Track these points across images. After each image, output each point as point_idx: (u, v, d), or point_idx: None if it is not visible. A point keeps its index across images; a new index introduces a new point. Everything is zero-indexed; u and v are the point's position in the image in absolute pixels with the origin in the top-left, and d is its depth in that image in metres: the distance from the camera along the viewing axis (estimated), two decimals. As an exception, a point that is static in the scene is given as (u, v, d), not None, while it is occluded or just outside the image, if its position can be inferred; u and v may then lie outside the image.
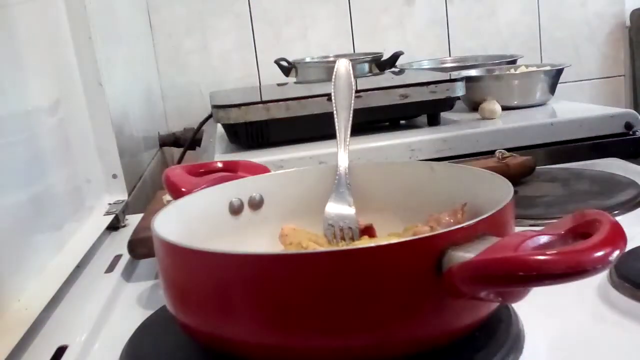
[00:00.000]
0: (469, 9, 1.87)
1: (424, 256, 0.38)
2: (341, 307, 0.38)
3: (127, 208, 0.90)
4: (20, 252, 0.61)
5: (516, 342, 0.43)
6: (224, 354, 0.43)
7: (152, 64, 1.75)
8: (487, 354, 0.41)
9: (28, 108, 0.70)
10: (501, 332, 0.44)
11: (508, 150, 0.85)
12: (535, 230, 0.38)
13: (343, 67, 0.62)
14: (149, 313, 0.53)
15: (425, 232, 0.50)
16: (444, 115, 1.28)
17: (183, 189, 0.56)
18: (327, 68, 1.51)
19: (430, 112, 1.24)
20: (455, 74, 1.32)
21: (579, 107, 1.34)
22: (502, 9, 1.89)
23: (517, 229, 0.43)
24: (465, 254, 0.37)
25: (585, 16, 1.93)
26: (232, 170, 0.63)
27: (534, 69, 1.40)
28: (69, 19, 0.84)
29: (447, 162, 0.94)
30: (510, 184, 0.47)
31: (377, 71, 1.51)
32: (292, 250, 0.53)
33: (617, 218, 0.38)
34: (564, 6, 1.92)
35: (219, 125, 1.35)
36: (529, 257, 0.35)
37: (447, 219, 0.52)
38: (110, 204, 0.88)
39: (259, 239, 0.57)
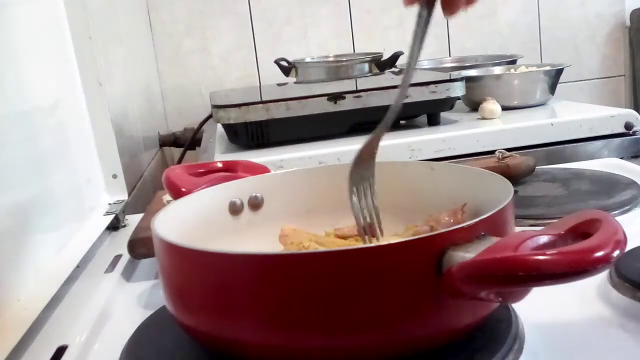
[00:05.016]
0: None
1: (424, 256, 0.38)
2: (341, 307, 0.38)
3: (127, 208, 0.90)
4: (20, 252, 0.61)
5: (516, 342, 0.43)
6: (223, 354, 0.43)
7: (152, 64, 1.75)
8: (487, 354, 0.41)
9: (28, 108, 0.70)
10: (501, 332, 0.44)
11: (508, 150, 0.85)
12: (535, 230, 0.38)
13: None
14: (149, 313, 0.53)
15: (425, 232, 0.50)
16: (444, 115, 1.28)
17: (183, 189, 0.56)
18: (327, 68, 1.51)
19: (430, 112, 1.25)
20: (455, 74, 1.32)
21: (579, 107, 1.34)
22: (502, 9, 1.89)
23: (517, 229, 0.43)
24: (465, 254, 0.37)
25: (585, 16, 1.93)
26: (232, 170, 0.63)
27: (534, 69, 1.40)
28: (69, 19, 0.84)
29: (447, 162, 0.94)
30: (510, 184, 0.47)
31: (377, 71, 1.51)
32: (293, 250, 0.53)
33: (617, 218, 0.38)
34: (564, 6, 1.92)
35: (219, 125, 1.35)
36: (529, 257, 0.35)
37: (447, 219, 0.52)
38: (110, 204, 0.88)
39: (259, 239, 0.57)
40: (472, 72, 1.44)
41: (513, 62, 1.54)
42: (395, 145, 1.12)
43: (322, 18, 1.82)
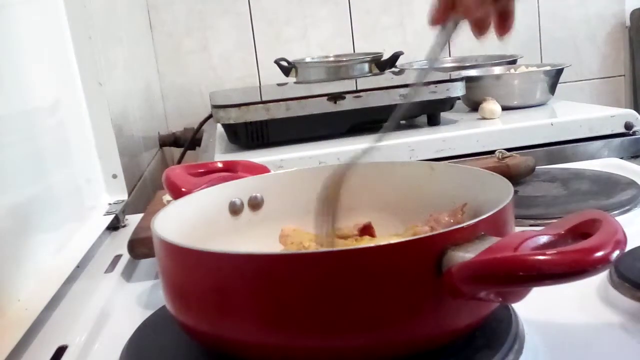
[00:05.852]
0: (469, 9, 1.87)
1: (424, 256, 0.38)
2: (341, 307, 0.38)
3: (127, 208, 0.90)
4: (20, 252, 0.61)
5: (516, 342, 0.43)
6: (223, 354, 0.43)
7: (152, 64, 1.75)
8: (487, 354, 0.41)
9: (28, 108, 0.70)
10: (501, 332, 0.44)
11: (508, 150, 0.85)
12: (535, 230, 0.38)
13: None
14: (149, 313, 0.53)
15: (425, 232, 0.50)
16: (444, 115, 1.28)
17: (183, 189, 0.56)
18: (327, 68, 1.52)
19: (430, 112, 1.24)
20: (455, 74, 1.32)
21: (579, 107, 1.34)
22: (502, 9, 1.89)
23: (517, 229, 0.43)
24: (465, 254, 0.37)
25: (585, 16, 1.93)
26: (232, 170, 0.63)
27: (534, 69, 1.40)
28: (69, 19, 0.84)
29: (447, 162, 0.94)
30: (510, 184, 0.47)
31: (377, 71, 1.51)
32: (293, 250, 0.53)
33: (617, 218, 0.38)
34: (564, 6, 1.92)
35: (219, 125, 1.35)
36: (529, 257, 0.35)
37: (447, 219, 0.52)
38: (110, 204, 0.88)
39: (259, 239, 0.57)
40: (472, 72, 1.44)
41: (513, 62, 1.54)
42: (395, 145, 1.12)
43: (322, 18, 1.82)
